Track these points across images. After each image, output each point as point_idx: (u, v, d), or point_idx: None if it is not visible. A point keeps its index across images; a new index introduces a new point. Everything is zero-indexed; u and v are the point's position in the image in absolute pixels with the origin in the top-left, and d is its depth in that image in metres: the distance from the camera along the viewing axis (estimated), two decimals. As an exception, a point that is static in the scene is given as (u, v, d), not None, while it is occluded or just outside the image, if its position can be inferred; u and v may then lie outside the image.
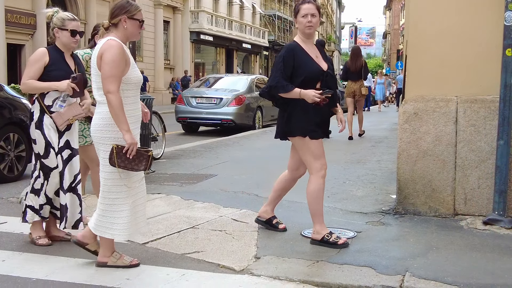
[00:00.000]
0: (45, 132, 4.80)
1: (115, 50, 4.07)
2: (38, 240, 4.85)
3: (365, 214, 5.84)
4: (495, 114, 5.48)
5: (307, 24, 4.80)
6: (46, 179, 4.84)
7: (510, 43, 5.32)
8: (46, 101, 4.83)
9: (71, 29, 4.88)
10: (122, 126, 4.04)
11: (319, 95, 4.66)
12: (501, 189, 5.38)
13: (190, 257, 4.58)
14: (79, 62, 5.14)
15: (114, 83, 4.04)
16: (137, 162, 4.14)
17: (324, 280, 4.08)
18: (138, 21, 4.27)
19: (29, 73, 4.82)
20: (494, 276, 4.09)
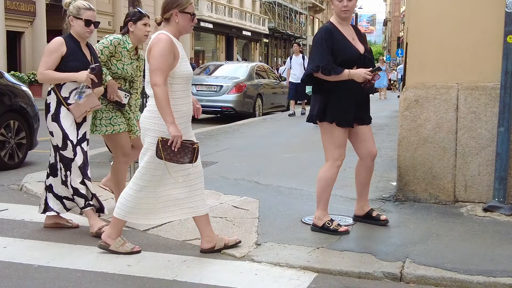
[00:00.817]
0: (62, 124, 4.72)
1: (163, 44, 4.08)
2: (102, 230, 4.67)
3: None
4: (495, 101, 5.48)
5: (343, 9, 4.70)
6: (68, 170, 4.74)
7: (511, 29, 5.30)
8: (63, 93, 4.74)
9: (86, 18, 4.79)
10: (167, 118, 4.03)
11: (370, 72, 4.60)
12: (501, 176, 5.39)
13: (191, 244, 4.60)
14: (94, 52, 5.03)
15: (160, 76, 4.04)
16: (182, 155, 4.10)
17: (325, 266, 4.09)
18: (190, 14, 4.23)
19: (47, 63, 4.72)
20: (494, 262, 4.10)
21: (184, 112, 4.25)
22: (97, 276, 3.93)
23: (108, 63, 5.24)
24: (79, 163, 4.73)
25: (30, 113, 8.35)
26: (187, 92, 4.28)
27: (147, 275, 3.94)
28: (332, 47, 4.68)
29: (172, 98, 4.13)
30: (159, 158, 4.09)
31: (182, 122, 4.20)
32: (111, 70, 5.24)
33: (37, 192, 6.28)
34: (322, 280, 3.92)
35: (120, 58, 5.27)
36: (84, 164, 4.76)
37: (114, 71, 5.25)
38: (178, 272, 4.01)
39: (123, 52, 5.28)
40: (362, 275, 3.98)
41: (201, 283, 3.83)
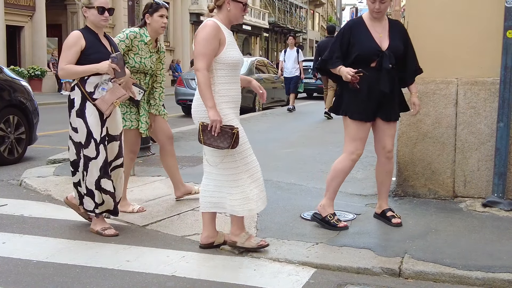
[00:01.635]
0: (88, 121, 4.56)
1: (208, 29, 4.11)
2: (104, 231, 4.67)
3: (365, 197, 5.85)
4: (495, 96, 5.47)
5: (375, 10, 4.68)
6: (85, 170, 4.61)
7: (510, 24, 5.29)
8: (88, 88, 4.57)
9: (98, 5, 4.61)
10: (207, 102, 4.04)
11: (352, 73, 4.58)
12: (500, 171, 5.38)
13: (190, 239, 4.60)
14: (113, 42, 4.87)
15: (203, 61, 4.06)
16: (222, 140, 4.07)
17: (323, 262, 4.09)
18: (242, 4, 4.23)
19: (67, 58, 4.54)
20: (492, 257, 4.10)
21: (233, 97, 4.26)
22: (96, 271, 3.93)
23: (126, 57, 5.21)
24: (100, 162, 4.59)
25: (29, 108, 8.35)
26: (235, 78, 4.28)
27: (146, 271, 3.94)
28: (350, 41, 4.73)
29: (219, 83, 4.15)
30: (200, 142, 4.13)
31: (232, 107, 4.23)
32: (129, 64, 5.21)
33: (36, 188, 6.29)
34: (321, 275, 3.92)
35: (138, 52, 5.26)
36: (105, 163, 4.62)
37: (132, 65, 5.24)
38: (177, 268, 4.01)
39: (140, 45, 5.26)
40: (361, 271, 3.98)
41: (199, 278, 3.83)
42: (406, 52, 4.84)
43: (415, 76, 4.96)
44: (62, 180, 6.52)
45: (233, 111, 4.25)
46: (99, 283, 3.73)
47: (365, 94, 4.70)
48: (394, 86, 4.78)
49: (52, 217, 5.24)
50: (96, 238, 4.64)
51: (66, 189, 6.15)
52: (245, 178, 4.19)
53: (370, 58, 4.69)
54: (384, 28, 4.79)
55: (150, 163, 7.35)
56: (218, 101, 4.12)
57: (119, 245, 4.48)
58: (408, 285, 3.81)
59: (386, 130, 4.87)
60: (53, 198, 5.95)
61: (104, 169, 4.60)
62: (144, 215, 5.19)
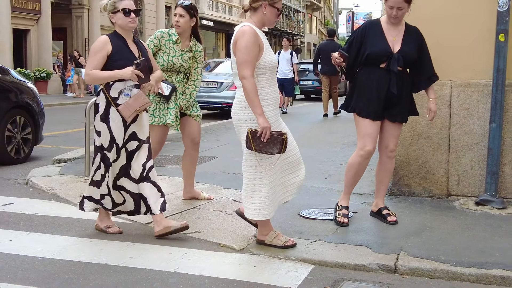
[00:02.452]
0: (111, 126, 4.46)
1: (248, 37, 4.06)
2: (108, 229, 4.68)
3: (361, 195, 5.84)
4: (487, 98, 5.47)
5: (393, 16, 4.67)
6: (107, 171, 4.52)
7: (503, 28, 5.30)
8: (112, 93, 4.46)
9: (123, 8, 4.45)
10: (256, 110, 4.02)
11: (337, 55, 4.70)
12: (493, 170, 5.39)
13: (192, 237, 4.60)
14: (143, 47, 4.71)
15: (248, 68, 4.03)
16: (272, 146, 4.06)
17: (321, 258, 4.09)
18: (277, 9, 4.21)
19: (92, 63, 4.41)
20: (485, 254, 4.11)
21: (273, 99, 4.24)
22: (101, 268, 3.93)
23: (156, 56, 5.27)
24: (120, 164, 4.55)
25: (35, 109, 8.35)
26: (273, 81, 4.26)
27: (149, 267, 3.94)
28: (362, 40, 4.76)
29: (260, 87, 4.12)
30: (249, 149, 4.10)
31: (272, 109, 4.20)
32: (159, 63, 5.23)
33: (42, 186, 6.28)
34: (319, 271, 3.92)
35: (166, 51, 5.28)
36: (126, 165, 4.56)
37: (161, 63, 5.26)
38: (179, 264, 4.01)
39: (168, 44, 5.30)
40: (358, 267, 3.98)
41: (201, 275, 3.83)
42: (422, 58, 4.82)
43: (431, 83, 4.90)
44: (67, 179, 6.51)
45: (274, 112, 4.23)
46: (104, 279, 3.73)
47: (374, 93, 4.72)
48: (403, 89, 4.77)
49: (57, 215, 5.24)
50: (101, 236, 4.64)
51: (71, 188, 6.15)
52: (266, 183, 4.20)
53: (380, 58, 4.70)
54: (399, 32, 4.78)
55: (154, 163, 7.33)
56: (261, 104, 4.09)
57: (123, 242, 4.48)
58: (403, 281, 3.81)
59: (391, 130, 4.87)
60: (59, 196, 5.94)
61: (125, 170, 4.55)
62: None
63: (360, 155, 4.81)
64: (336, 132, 10.66)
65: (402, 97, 4.77)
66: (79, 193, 5.98)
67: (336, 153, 8.24)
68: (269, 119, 4.09)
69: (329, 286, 3.69)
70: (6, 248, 4.31)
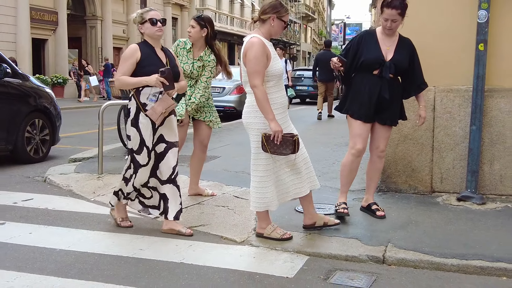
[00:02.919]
0: (141, 131, 4.39)
1: (256, 48, 4.06)
2: (121, 222, 4.64)
3: (352, 192, 5.81)
4: (468, 102, 5.47)
5: (387, 27, 4.65)
6: (135, 173, 4.47)
7: (482, 38, 5.30)
8: (141, 98, 4.39)
9: (150, 18, 4.41)
10: (268, 115, 4.03)
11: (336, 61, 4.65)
12: (473, 169, 5.39)
13: (197, 230, 4.59)
14: (170, 55, 4.64)
15: (258, 77, 4.03)
16: (285, 147, 4.06)
17: (316, 250, 4.09)
18: (284, 22, 4.21)
19: (122, 69, 4.37)
20: (466, 246, 4.10)
21: (281, 104, 4.23)
22: (113, 259, 3.93)
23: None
24: (150, 168, 4.48)
25: (52, 112, 8.34)
26: (280, 87, 4.25)
27: (157, 258, 3.94)
28: (358, 48, 4.74)
29: (269, 93, 4.12)
30: (265, 151, 4.11)
31: (280, 112, 4.19)
32: None
33: (59, 183, 6.28)
34: (313, 262, 3.92)
35: (180, 58, 5.32)
36: (155, 166, 4.50)
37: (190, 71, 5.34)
38: (185, 255, 4.01)
39: (181, 52, 5.36)
40: (349, 258, 3.98)
41: (205, 265, 3.82)
42: (413, 67, 4.80)
43: (421, 90, 4.90)
44: (82, 177, 6.50)
45: (282, 115, 4.22)
46: (115, 269, 3.73)
47: (366, 97, 4.71)
48: (394, 95, 4.75)
49: (73, 210, 5.23)
50: (113, 229, 4.64)
51: (86, 185, 6.15)
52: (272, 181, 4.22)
53: (373, 66, 4.68)
54: (393, 42, 4.76)
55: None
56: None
57: (133, 235, 4.47)
58: (391, 271, 3.80)
59: (381, 133, 4.86)
60: (74, 193, 5.94)
61: (153, 171, 4.50)
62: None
63: (351, 153, 4.80)
64: (329, 134, 10.65)
65: (392, 102, 4.77)
66: (93, 189, 5.98)
67: (329, 152, 8.23)
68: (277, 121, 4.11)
69: (323, 275, 3.69)
70: (25, 241, 4.30)
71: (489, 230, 4.53)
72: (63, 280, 3.52)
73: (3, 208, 5.26)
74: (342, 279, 3.62)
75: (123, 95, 7.99)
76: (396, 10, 4.55)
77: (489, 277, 3.71)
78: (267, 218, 4.35)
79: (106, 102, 7.09)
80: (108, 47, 29.61)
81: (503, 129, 5.44)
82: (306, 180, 4.35)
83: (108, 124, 7.45)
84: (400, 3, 4.56)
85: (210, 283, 3.53)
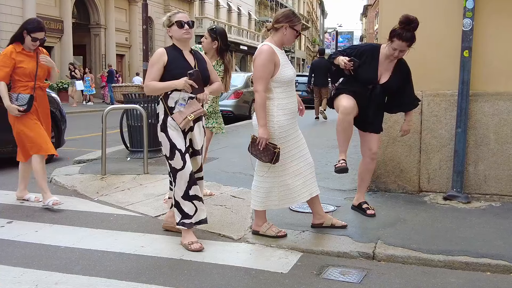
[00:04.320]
0: (170, 135, 4.06)
1: (263, 56, 4.05)
2: (191, 246, 4.06)
3: (344, 191, 5.85)
4: (454, 106, 5.49)
5: (394, 56, 4.60)
6: (174, 181, 4.11)
7: (467, 45, 5.32)
8: (169, 102, 4.09)
9: (177, 20, 4.12)
10: (260, 121, 4.03)
11: (347, 61, 4.55)
12: (458, 169, 5.40)
13: (195, 228, 4.57)
14: (200, 57, 4.29)
15: (261, 84, 4.02)
16: (265, 154, 4.07)
17: (309, 247, 4.09)
18: (296, 31, 4.18)
19: (150, 75, 4.10)
20: (452, 243, 4.11)
21: (290, 109, 4.19)
22: (115, 255, 3.92)
23: None
24: (187, 172, 4.05)
25: (58, 116, 8.31)
26: (291, 93, 4.20)
27: (158, 255, 3.94)
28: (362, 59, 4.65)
29: (278, 98, 4.11)
30: (248, 151, 4.14)
31: (288, 119, 4.16)
32: None
33: (64, 184, 6.27)
34: (306, 258, 3.92)
35: None
36: (192, 173, 4.10)
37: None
38: (184, 252, 4.00)
39: None
40: (341, 254, 3.98)
41: (203, 261, 3.82)
42: (405, 87, 4.78)
43: (412, 108, 4.92)
44: (86, 178, 6.49)
45: (290, 121, 4.18)
46: (118, 265, 3.72)
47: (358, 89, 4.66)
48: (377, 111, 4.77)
49: (77, 209, 5.22)
50: (115, 227, 4.63)
51: (90, 185, 6.14)
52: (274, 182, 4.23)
53: (366, 83, 4.65)
54: (391, 65, 4.70)
55: (161, 163, 7.31)
56: (278, 113, 4.09)
57: (135, 233, 4.47)
58: (380, 266, 3.81)
59: (371, 136, 4.86)
60: (78, 193, 5.92)
61: (191, 177, 4.07)
62: (156, 207, 5.17)
63: (340, 113, 4.61)
64: (322, 136, 10.65)
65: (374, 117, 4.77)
66: (96, 189, 5.97)
67: (321, 154, 8.23)
68: (283, 127, 4.12)
69: (316, 271, 3.69)
70: (32, 238, 4.30)
71: (473, 227, 4.54)
72: (68, 276, 3.52)
73: (10, 208, 5.25)
74: (334, 274, 3.62)
75: (126, 99, 7.98)
76: (407, 42, 4.51)
77: (474, 272, 3.72)
78: (264, 216, 4.35)
79: (109, 106, 7.08)
80: (111, 54, 29.59)
81: (487, 132, 5.46)
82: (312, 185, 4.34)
83: (111, 127, 7.43)
84: (412, 36, 4.50)
85: (208, 278, 3.53)
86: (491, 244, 4.08)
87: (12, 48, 5.20)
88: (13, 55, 5.15)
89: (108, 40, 29.54)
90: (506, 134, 5.41)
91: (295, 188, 4.27)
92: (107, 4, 29.38)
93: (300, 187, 4.28)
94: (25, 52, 5.23)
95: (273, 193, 4.24)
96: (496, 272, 3.69)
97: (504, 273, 3.68)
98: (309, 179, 4.33)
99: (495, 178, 5.46)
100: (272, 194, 4.24)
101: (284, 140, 4.15)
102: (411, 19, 4.50)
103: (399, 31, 4.50)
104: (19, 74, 5.17)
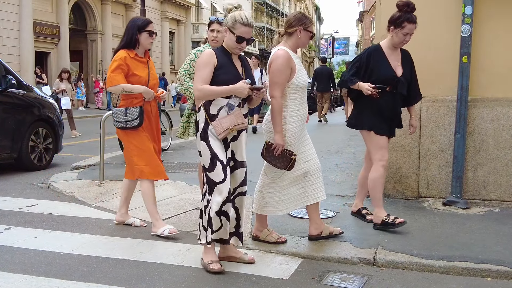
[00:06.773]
0: (211, 144, 3.67)
1: (280, 60, 3.98)
2: (209, 265, 3.73)
3: (343, 197, 5.84)
4: (453, 112, 5.50)
5: (404, 41, 4.57)
6: (210, 195, 3.68)
7: (465, 51, 5.33)
8: (212, 110, 3.69)
9: (238, 35, 3.69)
10: (276, 127, 3.99)
11: (371, 88, 4.45)
12: (458, 175, 5.40)
13: (195, 234, 4.54)
14: (247, 64, 3.93)
15: (277, 89, 3.97)
16: (280, 161, 4.03)
17: (309, 253, 4.08)
18: (310, 33, 4.13)
19: (202, 77, 3.65)
20: (452, 249, 4.11)
21: (302, 116, 4.17)
22: (115, 262, 3.90)
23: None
24: (227, 187, 3.65)
25: (55, 122, 8.32)
26: (303, 99, 4.17)
27: (158, 261, 3.92)
28: (369, 66, 4.59)
29: (292, 104, 4.07)
30: (262, 157, 4.12)
31: (298, 125, 4.13)
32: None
33: (62, 190, 6.25)
34: (307, 264, 3.91)
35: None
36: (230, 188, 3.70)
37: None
38: (184, 258, 3.99)
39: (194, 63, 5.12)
40: (341, 260, 3.97)
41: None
42: (412, 78, 4.75)
43: (419, 100, 4.89)
44: (84, 184, 6.47)
45: (299, 128, 4.15)
46: (118, 272, 3.70)
47: (385, 112, 4.60)
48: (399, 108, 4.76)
49: (76, 215, 5.20)
50: (114, 233, 4.61)
51: (88, 191, 6.11)
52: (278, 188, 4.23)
53: (387, 82, 4.56)
54: (398, 56, 4.69)
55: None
56: (289, 120, 4.05)
57: (134, 239, 4.45)
58: (381, 272, 3.80)
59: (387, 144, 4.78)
60: (77, 199, 5.90)
61: (228, 193, 3.67)
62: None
63: (382, 165, 4.59)
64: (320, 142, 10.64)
65: (399, 114, 4.76)
66: (94, 195, 5.95)
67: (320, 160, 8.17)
68: (293, 134, 4.08)
69: (316, 277, 3.68)
70: (30, 245, 4.27)
71: (473, 233, 4.54)
72: (67, 282, 3.49)
73: (9, 214, 5.22)
74: (335, 281, 3.61)
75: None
76: (415, 24, 4.53)
77: (475, 277, 3.71)
78: (265, 221, 4.34)
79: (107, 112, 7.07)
80: (108, 59, 29.53)
81: (486, 137, 5.47)
82: (315, 190, 4.31)
83: (109, 133, 7.42)
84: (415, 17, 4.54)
85: (208, 284, 3.51)
86: (491, 250, 4.08)
87: (125, 53, 4.57)
88: (127, 61, 4.55)
89: (105, 45, 29.55)
90: (504, 139, 5.42)
91: (300, 193, 4.27)
92: (104, 10, 29.42)
93: (305, 191, 4.28)
94: (139, 58, 4.65)
95: (275, 198, 4.23)
96: (497, 278, 3.69)
97: (505, 278, 3.68)
98: (315, 184, 4.30)
99: (494, 184, 5.47)
100: (273, 199, 4.23)
101: (294, 147, 4.13)
102: (409, 1, 4.52)
103: (407, 15, 4.49)
104: (133, 83, 4.58)
